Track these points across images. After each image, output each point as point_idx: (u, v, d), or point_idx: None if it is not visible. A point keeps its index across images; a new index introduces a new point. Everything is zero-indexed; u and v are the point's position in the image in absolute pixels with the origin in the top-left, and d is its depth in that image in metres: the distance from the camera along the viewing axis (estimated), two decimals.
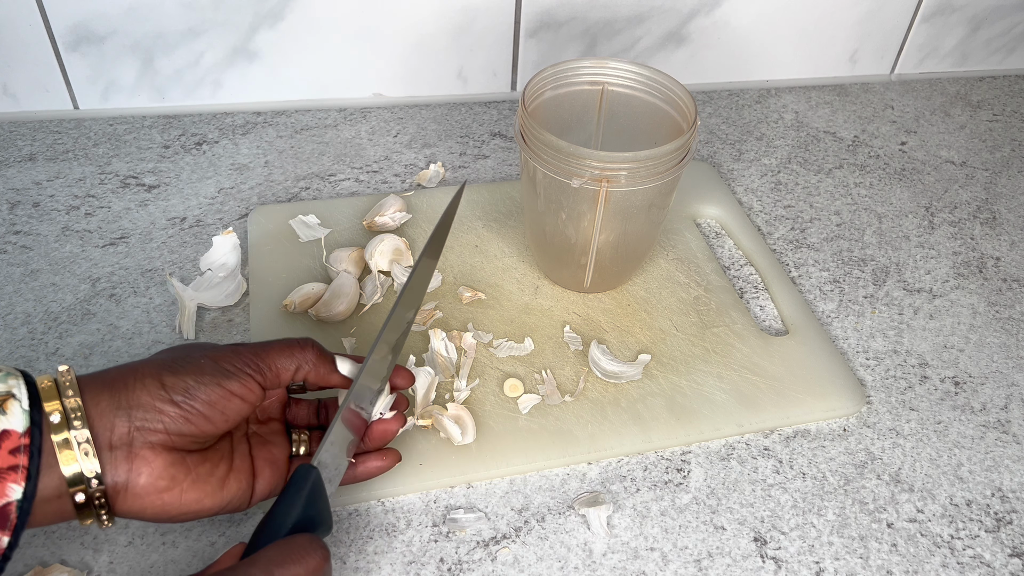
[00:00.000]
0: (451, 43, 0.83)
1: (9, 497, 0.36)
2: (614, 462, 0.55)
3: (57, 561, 0.48)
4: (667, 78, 0.61)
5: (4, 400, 0.38)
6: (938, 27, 0.94)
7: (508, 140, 0.83)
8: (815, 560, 0.50)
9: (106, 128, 0.80)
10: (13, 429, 0.37)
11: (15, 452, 0.37)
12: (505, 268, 0.67)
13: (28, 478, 0.37)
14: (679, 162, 0.57)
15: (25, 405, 0.38)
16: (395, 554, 0.49)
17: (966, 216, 0.78)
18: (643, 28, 0.86)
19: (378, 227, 0.69)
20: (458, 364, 0.58)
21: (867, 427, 0.58)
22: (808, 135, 0.87)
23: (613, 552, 0.50)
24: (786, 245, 0.73)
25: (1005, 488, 0.55)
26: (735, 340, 0.62)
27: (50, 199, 0.71)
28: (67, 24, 0.75)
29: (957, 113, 0.93)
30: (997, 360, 0.64)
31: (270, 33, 0.79)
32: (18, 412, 0.38)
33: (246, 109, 0.83)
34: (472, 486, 0.53)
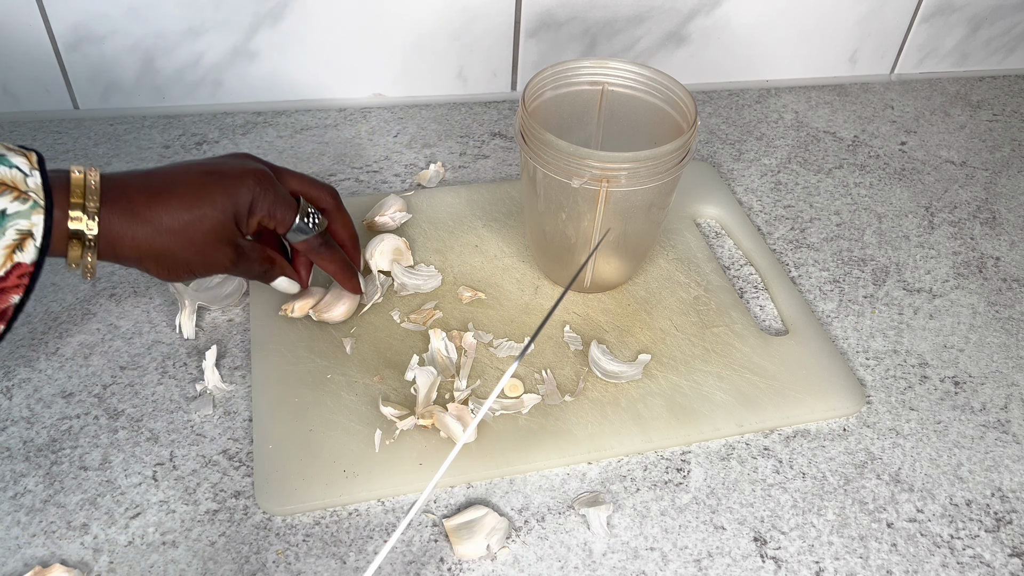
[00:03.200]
0: (451, 43, 0.83)
1: (9, 303, 0.46)
2: (614, 462, 0.55)
3: (57, 561, 0.48)
4: (667, 78, 0.61)
5: (24, 239, 0.45)
6: (938, 27, 0.94)
7: (508, 140, 0.83)
8: (815, 560, 0.50)
9: (106, 128, 0.80)
10: (24, 263, 0.45)
11: (22, 276, 0.46)
12: (505, 268, 0.67)
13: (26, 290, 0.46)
14: (679, 162, 0.57)
15: (39, 243, 0.46)
16: (395, 554, 0.49)
17: (966, 216, 0.78)
18: (643, 28, 0.86)
19: (378, 227, 0.69)
20: (458, 364, 0.58)
21: (867, 427, 0.58)
22: (808, 135, 0.87)
23: (613, 552, 0.50)
24: (786, 245, 0.73)
25: (1005, 488, 0.55)
26: (735, 340, 0.62)
27: None
28: (67, 24, 0.75)
29: (957, 113, 0.93)
30: (997, 360, 0.64)
31: (270, 33, 0.79)
32: (31, 250, 0.46)
33: (246, 109, 0.83)
34: (472, 486, 0.53)
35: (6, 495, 0.51)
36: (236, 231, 0.53)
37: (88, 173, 0.48)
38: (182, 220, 0.50)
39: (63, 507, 0.50)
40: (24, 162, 0.46)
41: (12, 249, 0.45)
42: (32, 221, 0.45)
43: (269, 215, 0.54)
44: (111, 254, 0.49)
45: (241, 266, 0.54)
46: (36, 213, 0.46)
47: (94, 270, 0.49)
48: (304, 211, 0.55)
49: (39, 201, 0.46)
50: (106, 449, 0.53)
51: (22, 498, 0.50)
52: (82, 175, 0.48)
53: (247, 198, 0.52)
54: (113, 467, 0.52)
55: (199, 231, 0.51)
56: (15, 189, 0.45)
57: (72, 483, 0.51)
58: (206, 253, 0.52)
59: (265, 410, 0.55)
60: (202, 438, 0.54)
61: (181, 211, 0.50)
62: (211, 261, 0.52)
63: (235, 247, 0.53)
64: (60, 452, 0.53)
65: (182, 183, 0.51)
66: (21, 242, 0.45)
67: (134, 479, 0.52)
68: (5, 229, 0.45)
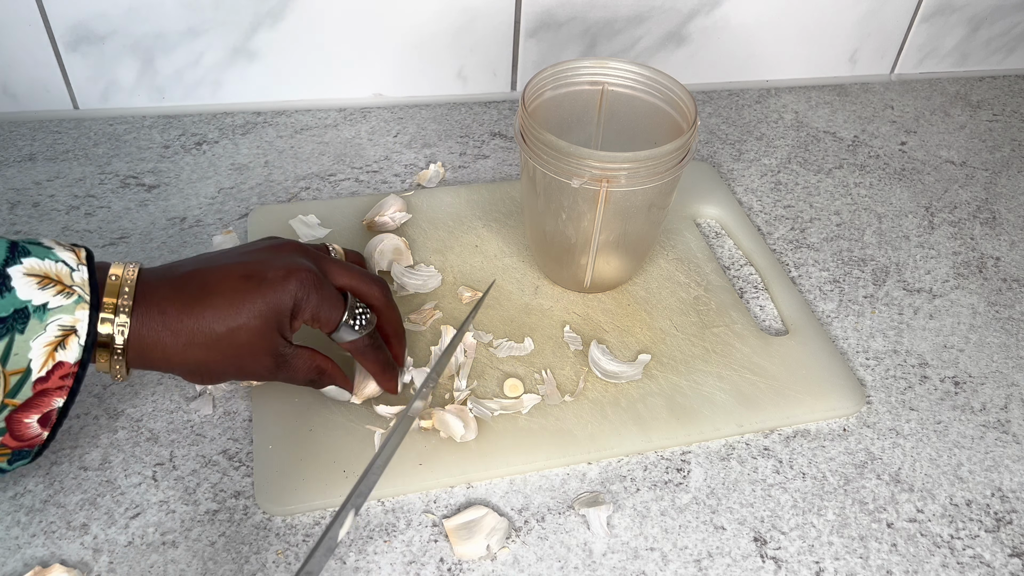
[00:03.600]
0: (451, 43, 0.83)
1: (52, 406, 0.44)
2: (614, 462, 0.55)
3: (57, 561, 0.48)
4: (667, 78, 0.61)
5: (67, 335, 0.43)
6: (938, 27, 0.94)
7: (508, 140, 0.83)
8: (815, 560, 0.50)
9: (106, 128, 0.80)
10: (67, 361, 0.43)
11: (65, 377, 0.44)
12: (505, 268, 0.67)
13: (70, 393, 0.44)
14: (679, 162, 0.57)
15: (83, 341, 0.44)
16: (395, 554, 0.49)
17: (966, 216, 0.78)
18: (643, 28, 0.86)
19: (378, 227, 0.69)
20: (458, 364, 0.58)
21: (867, 427, 0.58)
22: (808, 135, 0.87)
23: (613, 552, 0.50)
24: (786, 245, 0.73)
25: (1005, 488, 0.55)
26: (735, 340, 0.62)
27: (50, 199, 0.71)
28: (67, 24, 0.75)
29: (957, 113, 0.93)
30: (997, 360, 0.64)
31: (270, 33, 0.79)
32: (75, 348, 0.43)
33: (246, 109, 0.83)
34: (472, 486, 0.53)
35: (6, 495, 0.51)
36: (277, 339, 0.49)
37: (126, 271, 0.45)
38: (217, 332, 0.47)
39: (63, 507, 0.50)
40: (72, 257, 0.44)
41: (54, 347, 0.42)
42: (76, 316, 0.43)
43: (314, 317, 0.50)
44: (139, 362, 0.46)
45: (282, 375, 0.51)
46: (81, 308, 0.43)
47: (125, 373, 0.46)
48: (352, 310, 0.51)
49: (84, 296, 0.43)
50: (106, 449, 0.53)
51: (22, 498, 0.50)
52: (118, 281, 0.45)
53: (289, 303, 0.48)
54: (113, 467, 0.52)
55: (235, 344, 0.47)
56: (59, 283, 0.43)
57: (72, 483, 0.51)
58: (243, 363, 0.49)
59: (265, 410, 0.55)
60: (202, 438, 0.54)
61: (216, 323, 0.47)
62: (248, 371, 0.49)
63: (275, 356, 0.49)
64: (60, 452, 0.53)
65: (218, 292, 0.47)
66: (64, 339, 0.43)
67: (134, 479, 0.52)
68: (46, 325, 0.42)
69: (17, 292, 0.42)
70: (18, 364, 0.42)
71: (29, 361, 0.42)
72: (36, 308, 0.42)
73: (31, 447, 0.45)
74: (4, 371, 0.42)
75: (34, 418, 0.43)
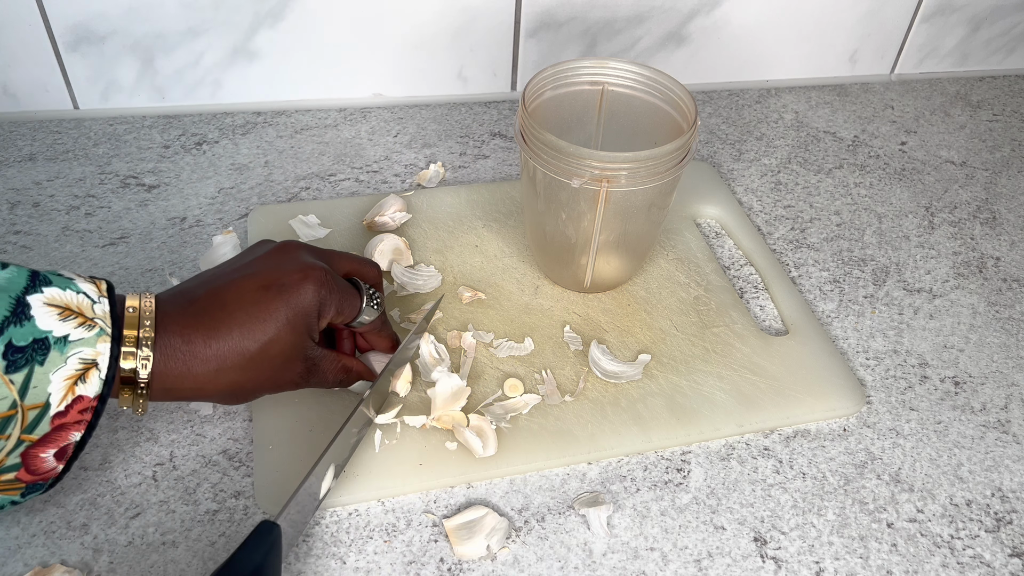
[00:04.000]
0: (451, 43, 0.83)
1: (69, 440, 0.43)
2: (614, 462, 0.55)
3: (57, 561, 0.48)
4: (667, 78, 0.61)
5: (88, 369, 0.42)
6: (938, 27, 0.94)
7: (508, 140, 0.83)
8: (815, 560, 0.50)
9: (106, 128, 0.80)
10: (87, 395, 0.42)
11: (84, 411, 0.42)
12: (505, 268, 0.67)
13: (88, 427, 0.43)
14: (679, 162, 0.57)
15: (103, 375, 0.42)
16: (395, 554, 0.49)
17: (966, 216, 0.78)
18: (643, 28, 0.86)
19: (378, 227, 0.69)
20: (458, 364, 0.58)
21: (867, 427, 0.58)
22: (808, 135, 0.87)
23: (613, 552, 0.50)
24: (786, 245, 0.73)
25: (1005, 488, 0.55)
26: (735, 340, 0.62)
27: (50, 199, 0.71)
28: (67, 24, 0.75)
29: (957, 113, 0.93)
30: (997, 360, 0.64)
31: (270, 33, 0.79)
32: (95, 382, 0.42)
33: (246, 109, 0.83)
34: (472, 486, 0.53)
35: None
36: (307, 343, 0.49)
37: (142, 300, 0.44)
38: (249, 351, 0.46)
39: (63, 507, 0.50)
40: (92, 289, 0.43)
41: (75, 380, 0.41)
42: (97, 349, 0.42)
43: (338, 311, 0.50)
44: (165, 395, 0.45)
45: (314, 380, 0.51)
46: (102, 341, 0.42)
47: (146, 406, 0.45)
48: (367, 294, 0.52)
49: (106, 328, 0.42)
50: (106, 449, 0.53)
51: None
52: (136, 314, 0.44)
53: (314, 304, 0.48)
54: (113, 467, 0.52)
55: (269, 356, 0.47)
56: (80, 315, 0.42)
57: (72, 483, 0.51)
58: (276, 376, 0.48)
59: (265, 410, 0.55)
60: (202, 438, 0.54)
61: (246, 341, 0.46)
62: (282, 381, 0.49)
63: (305, 361, 0.49)
64: None
65: (240, 309, 0.46)
66: (85, 373, 0.42)
67: (134, 479, 0.52)
68: (67, 357, 0.41)
69: (37, 321, 0.41)
70: (37, 398, 0.41)
71: (48, 396, 0.41)
72: (57, 340, 0.41)
73: (45, 480, 0.44)
74: (23, 405, 0.40)
75: (50, 452, 0.42)
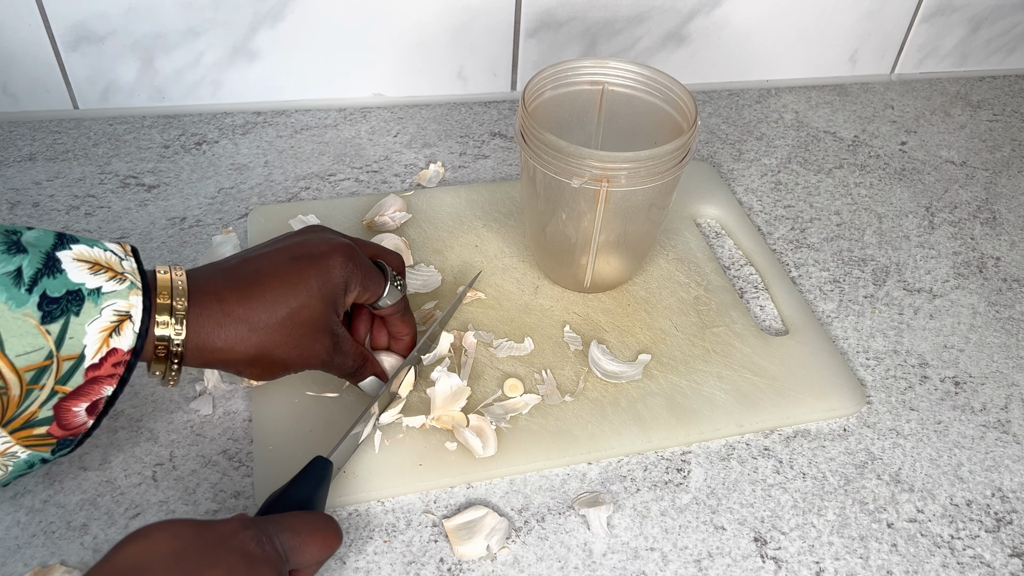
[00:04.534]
0: (451, 43, 0.83)
1: (101, 394, 0.43)
2: (614, 462, 0.55)
3: (57, 561, 0.48)
4: (667, 78, 0.61)
5: (122, 321, 0.42)
6: (938, 27, 0.94)
7: (508, 140, 0.83)
8: (815, 560, 0.50)
9: (106, 128, 0.80)
10: (121, 348, 0.42)
11: (117, 365, 0.42)
12: (505, 268, 0.67)
13: (120, 382, 0.43)
14: (679, 162, 0.57)
15: (137, 327, 0.42)
16: (395, 554, 0.49)
17: (966, 216, 0.78)
18: (643, 28, 0.86)
19: (378, 227, 0.69)
20: (458, 364, 0.58)
21: (867, 427, 0.58)
22: (808, 135, 0.87)
23: (613, 552, 0.50)
24: (786, 245, 0.73)
25: (1005, 488, 0.55)
26: (735, 340, 0.62)
27: (50, 199, 0.71)
28: (67, 24, 0.75)
29: (957, 113, 0.93)
30: (997, 360, 0.64)
31: (270, 33, 0.79)
32: (130, 335, 0.42)
33: (246, 109, 0.83)
34: (472, 486, 0.53)
35: (6, 495, 0.51)
36: (333, 316, 0.50)
37: (174, 272, 0.45)
38: (279, 314, 0.47)
39: (63, 507, 0.50)
40: (118, 248, 0.44)
41: (109, 332, 0.42)
42: (131, 302, 0.42)
43: (363, 287, 0.51)
44: (198, 359, 0.46)
45: (337, 359, 0.51)
46: (134, 294, 0.43)
47: (178, 378, 0.46)
48: (392, 277, 0.53)
49: (136, 283, 0.43)
50: (106, 449, 0.53)
51: (22, 498, 0.50)
52: (168, 275, 0.45)
53: (342, 277, 0.49)
54: (113, 467, 0.52)
55: (298, 323, 0.47)
56: (110, 269, 0.42)
57: (72, 483, 0.51)
58: (304, 346, 0.48)
59: (265, 410, 0.55)
60: (202, 438, 0.54)
61: (278, 305, 0.47)
62: (309, 354, 0.49)
63: (332, 335, 0.50)
64: None
65: (274, 274, 0.47)
66: (119, 325, 0.42)
67: (134, 479, 0.52)
68: (102, 309, 0.41)
69: (69, 275, 0.41)
70: (73, 349, 0.41)
71: (84, 347, 0.41)
72: (91, 292, 0.42)
73: (75, 436, 0.44)
74: (58, 356, 0.41)
75: (83, 406, 0.42)
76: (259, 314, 0.46)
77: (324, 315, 0.49)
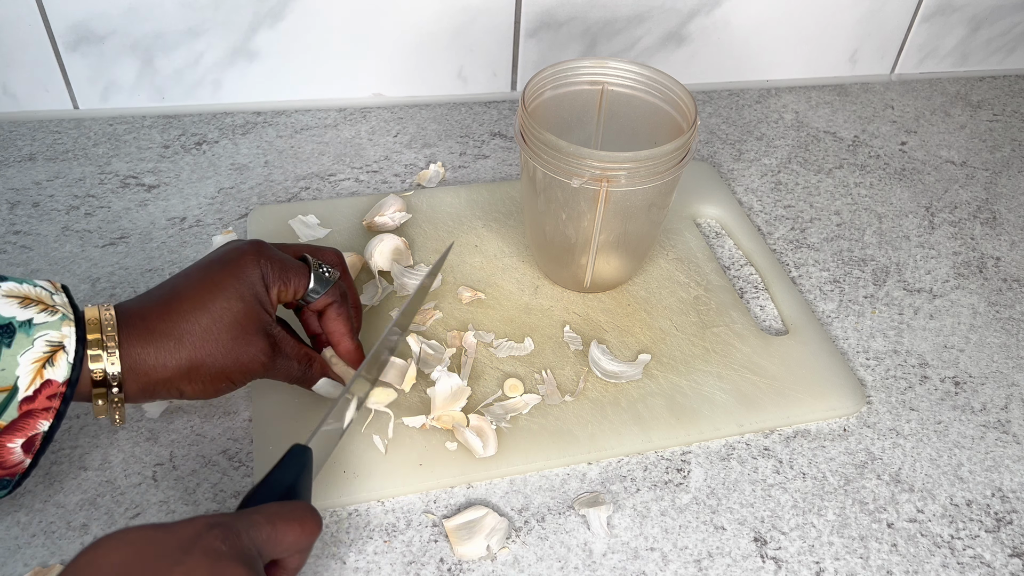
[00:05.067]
0: (451, 43, 0.83)
1: (37, 430, 0.43)
2: (614, 462, 0.55)
3: (57, 561, 0.48)
4: (667, 78, 0.61)
5: (55, 352, 0.43)
6: (938, 27, 0.94)
7: (508, 140, 0.83)
8: (815, 560, 0.50)
9: (106, 128, 0.80)
10: (55, 380, 0.43)
11: (52, 397, 0.43)
12: (505, 268, 0.67)
13: (56, 416, 0.43)
14: (679, 162, 0.57)
15: (71, 358, 0.43)
16: (395, 554, 0.49)
17: (966, 216, 0.78)
18: (643, 28, 0.86)
19: (378, 227, 0.69)
20: (458, 364, 0.58)
21: (867, 427, 0.58)
22: (808, 135, 0.87)
23: (613, 552, 0.50)
24: (786, 245, 0.73)
25: (1005, 488, 0.55)
26: (735, 340, 0.62)
27: (50, 199, 0.71)
28: (67, 24, 0.75)
29: (957, 113, 0.93)
30: (997, 360, 0.64)
31: (270, 33, 0.79)
32: (64, 365, 0.43)
33: (246, 109, 0.83)
34: (472, 486, 0.53)
35: None
36: (262, 314, 0.49)
37: (101, 308, 0.45)
38: (202, 322, 0.47)
39: (63, 507, 0.50)
40: (48, 285, 0.45)
41: (42, 363, 0.42)
42: (63, 332, 0.43)
43: (283, 281, 0.50)
44: (138, 386, 0.46)
45: (279, 362, 0.50)
46: (66, 325, 0.43)
47: (123, 414, 0.46)
48: (315, 266, 0.53)
49: (68, 315, 0.43)
50: (106, 449, 0.53)
51: (22, 498, 0.50)
52: (96, 309, 0.45)
53: (256, 273, 0.49)
54: (113, 467, 0.52)
55: (223, 327, 0.47)
56: (41, 303, 0.43)
57: (72, 483, 0.51)
58: (238, 351, 0.48)
59: (265, 410, 0.55)
60: (202, 438, 0.54)
61: (198, 312, 0.47)
62: (245, 359, 0.48)
63: (267, 337, 0.49)
64: (60, 452, 0.53)
65: (187, 285, 0.48)
66: (52, 356, 0.42)
67: (134, 479, 0.52)
68: (33, 339, 0.42)
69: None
70: (5, 381, 0.41)
71: (16, 378, 0.42)
72: (22, 323, 0.42)
73: (12, 476, 0.44)
74: None
75: (18, 442, 0.43)
76: (181, 324, 0.46)
77: (249, 316, 0.48)
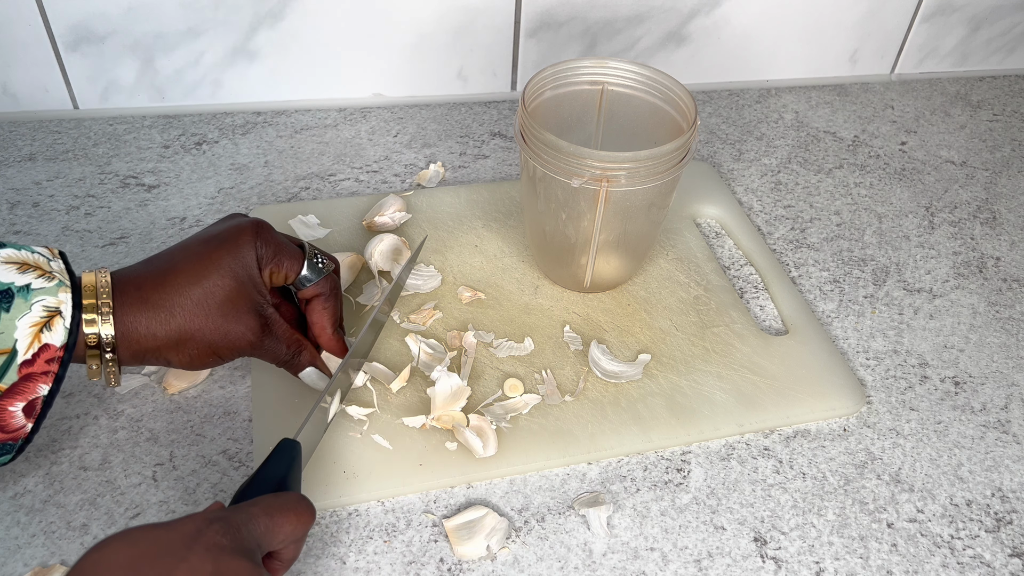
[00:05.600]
0: (451, 43, 0.83)
1: (37, 394, 0.44)
2: (614, 462, 0.55)
3: (57, 561, 0.48)
4: (667, 78, 0.61)
5: (52, 317, 0.43)
6: (938, 27, 0.94)
7: (508, 140, 0.83)
8: (815, 560, 0.50)
9: (106, 128, 0.80)
10: (53, 344, 0.44)
11: (50, 361, 0.44)
12: (505, 268, 0.67)
13: (56, 380, 0.44)
14: (679, 162, 0.57)
15: (68, 323, 0.44)
16: (395, 554, 0.49)
17: (966, 216, 0.78)
18: (643, 28, 0.86)
19: (378, 227, 0.69)
20: (458, 364, 0.58)
21: (867, 427, 0.58)
22: (808, 135, 0.87)
23: (613, 552, 0.50)
24: (786, 245, 0.73)
25: (1005, 488, 0.55)
26: (735, 340, 0.62)
27: (50, 199, 0.71)
28: (67, 24, 0.75)
29: (957, 113, 0.93)
30: (997, 360, 0.64)
31: (270, 33, 0.79)
32: (60, 330, 0.44)
33: (246, 109, 0.83)
34: (472, 486, 0.53)
35: (6, 495, 0.51)
36: (254, 294, 0.50)
37: (98, 273, 0.46)
38: (194, 295, 0.48)
39: (63, 507, 0.50)
40: (45, 251, 0.46)
41: (40, 328, 0.43)
42: (59, 298, 0.44)
43: (277, 263, 0.51)
44: (130, 352, 0.47)
45: (267, 343, 0.51)
46: (63, 291, 0.44)
47: (118, 376, 0.47)
48: (311, 255, 0.53)
49: (64, 281, 0.44)
50: (106, 449, 0.53)
51: (22, 498, 0.50)
52: (92, 275, 0.46)
53: (252, 252, 0.50)
54: (113, 467, 0.52)
55: (216, 302, 0.48)
56: (38, 268, 0.44)
57: (72, 483, 0.51)
58: (227, 327, 0.49)
59: (265, 410, 0.55)
60: (202, 438, 0.54)
61: (192, 286, 0.48)
62: (234, 335, 0.49)
63: (258, 317, 0.50)
64: (60, 452, 0.53)
65: (184, 258, 0.49)
66: (49, 320, 0.43)
67: (134, 479, 0.52)
68: (31, 304, 0.43)
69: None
70: (3, 344, 0.42)
71: (15, 341, 0.43)
72: (20, 288, 0.43)
73: (15, 440, 0.45)
74: None
75: (19, 406, 0.44)
76: (174, 296, 0.47)
77: (241, 294, 0.49)
